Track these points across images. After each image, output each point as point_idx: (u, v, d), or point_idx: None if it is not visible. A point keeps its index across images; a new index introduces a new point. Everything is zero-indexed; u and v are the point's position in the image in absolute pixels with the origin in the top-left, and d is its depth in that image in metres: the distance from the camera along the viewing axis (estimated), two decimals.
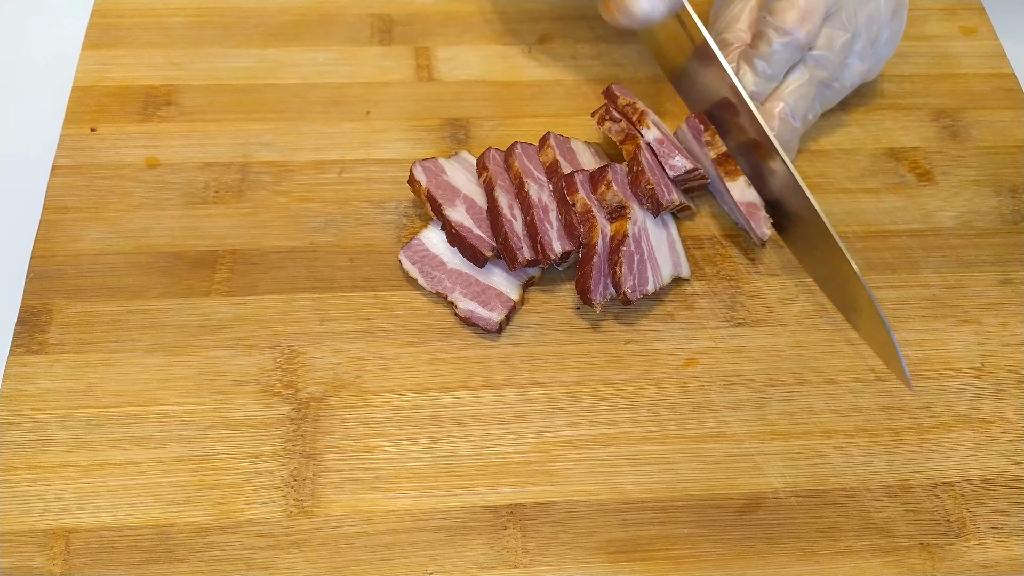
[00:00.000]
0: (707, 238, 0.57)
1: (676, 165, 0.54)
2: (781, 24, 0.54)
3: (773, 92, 0.56)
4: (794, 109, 0.56)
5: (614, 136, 0.55)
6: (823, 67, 0.56)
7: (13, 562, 0.45)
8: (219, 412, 0.49)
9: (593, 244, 0.51)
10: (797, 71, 0.56)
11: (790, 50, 0.55)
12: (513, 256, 0.51)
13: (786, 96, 0.56)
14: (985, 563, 0.47)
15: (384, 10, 0.66)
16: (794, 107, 0.56)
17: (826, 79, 0.57)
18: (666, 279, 0.53)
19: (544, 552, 0.46)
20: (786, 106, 0.56)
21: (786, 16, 0.54)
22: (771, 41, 0.54)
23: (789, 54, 0.55)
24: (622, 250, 0.51)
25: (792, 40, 0.54)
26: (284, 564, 0.45)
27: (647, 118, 0.55)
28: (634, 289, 0.51)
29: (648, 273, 0.52)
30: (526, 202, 0.53)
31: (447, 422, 0.50)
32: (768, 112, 0.56)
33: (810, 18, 0.54)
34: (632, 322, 0.53)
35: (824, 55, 0.56)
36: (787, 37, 0.54)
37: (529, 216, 0.52)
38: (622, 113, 0.56)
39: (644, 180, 0.52)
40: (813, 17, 0.54)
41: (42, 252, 0.54)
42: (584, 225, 0.51)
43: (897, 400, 0.51)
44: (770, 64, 0.55)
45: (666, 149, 0.54)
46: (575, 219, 0.52)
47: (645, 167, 0.53)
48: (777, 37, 0.54)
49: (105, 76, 0.62)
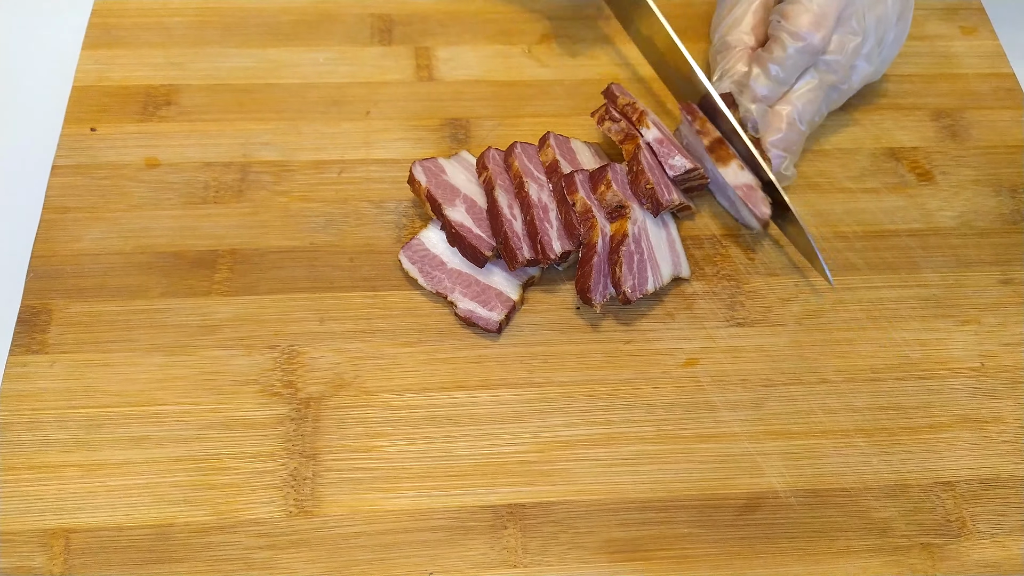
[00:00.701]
0: (707, 238, 0.57)
1: (676, 165, 0.54)
2: (796, 29, 0.54)
3: (782, 96, 0.56)
4: (801, 113, 0.56)
5: (614, 136, 0.55)
6: (833, 71, 0.56)
7: (13, 562, 0.45)
8: (219, 412, 0.49)
9: (593, 244, 0.51)
10: (807, 76, 0.56)
11: (804, 55, 0.54)
12: (513, 256, 0.51)
13: (795, 100, 0.56)
14: (985, 563, 0.47)
15: (384, 10, 0.66)
16: (802, 111, 0.56)
17: (836, 83, 0.57)
18: (666, 279, 0.53)
19: (544, 552, 0.46)
20: (794, 110, 0.56)
21: (800, 20, 0.54)
22: (786, 46, 0.54)
23: (803, 59, 0.55)
24: (622, 250, 0.51)
25: (807, 45, 0.54)
26: (284, 564, 0.45)
27: (647, 118, 0.55)
28: (634, 289, 0.51)
29: (648, 273, 0.52)
30: (526, 202, 0.53)
31: (447, 422, 0.50)
32: (776, 115, 0.56)
33: (824, 23, 0.54)
34: (632, 322, 0.53)
35: (836, 59, 0.56)
36: (802, 42, 0.54)
37: (529, 216, 0.52)
38: (622, 113, 0.56)
39: (644, 180, 0.52)
40: (827, 21, 0.54)
41: (42, 252, 0.54)
42: (584, 225, 0.51)
43: (897, 400, 0.51)
44: (783, 69, 0.55)
45: (666, 149, 0.54)
46: (575, 219, 0.52)
47: (645, 167, 0.53)
48: (792, 42, 0.54)
49: (105, 76, 0.62)
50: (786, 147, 0.55)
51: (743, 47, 0.57)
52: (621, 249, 0.51)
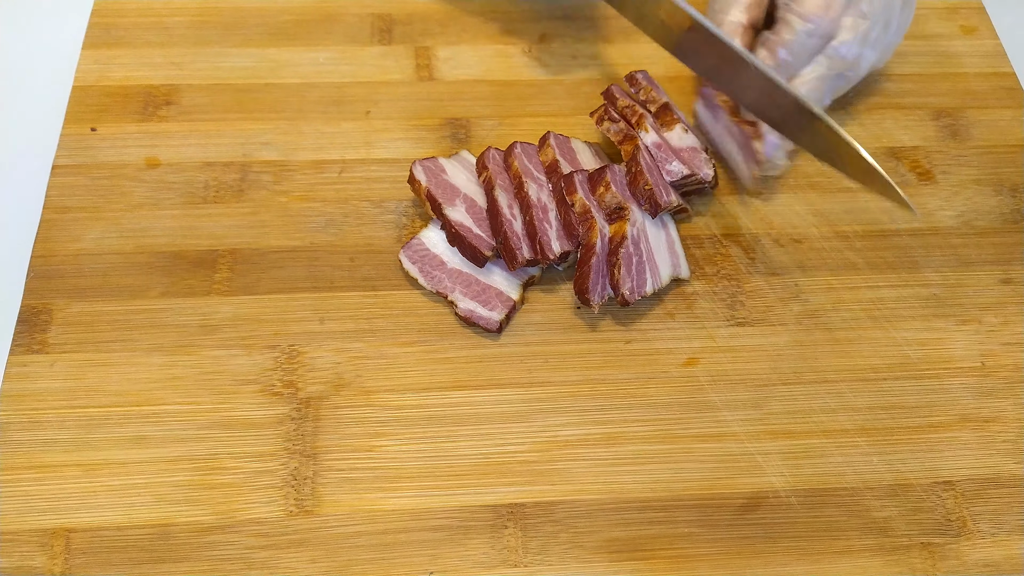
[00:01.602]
0: (707, 237, 0.57)
1: (673, 171, 0.54)
2: (805, 11, 0.53)
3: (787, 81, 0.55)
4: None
5: (613, 136, 0.55)
6: (843, 56, 0.55)
7: (13, 561, 0.45)
8: (219, 412, 0.49)
9: (591, 245, 0.51)
10: (815, 62, 0.55)
11: (814, 38, 0.54)
12: (513, 256, 0.51)
13: (799, 87, 0.55)
14: (985, 562, 0.47)
15: (384, 10, 0.66)
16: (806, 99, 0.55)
17: (843, 69, 0.56)
18: (664, 280, 0.53)
19: (544, 551, 0.46)
20: None
21: (809, 2, 0.53)
22: (795, 29, 0.53)
23: (812, 43, 0.54)
24: (620, 252, 0.51)
25: (816, 28, 0.53)
26: (284, 564, 0.45)
27: (645, 121, 0.55)
28: (632, 291, 0.51)
29: (647, 275, 0.52)
30: (525, 202, 0.53)
31: (447, 422, 0.50)
32: None
33: (834, 4, 0.53)
34: (632, 322, 0.53)
35: (846, 44, 0.54)
36: (811, 24, 0.53)
37: (528, 216, 0.52)
38: (621, 114, 0.56)
39: (642, 181, 0.52)
40: (836, 3, 0.53)
41: (42, 252, 0.54)
42: (583, 226, 0.51)
43: (897, 399, 0.51)
44: (791, 52, 0.54)
45: (664, 154, 0.54)
46: (574, 219, 0.52)
47: (643, 168, 0.53)
48: (801, 24, 0.53)
49: (105, 76, 0.62)
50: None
51: (736, 24, 0.56)
52: (620, 251, 0.51)
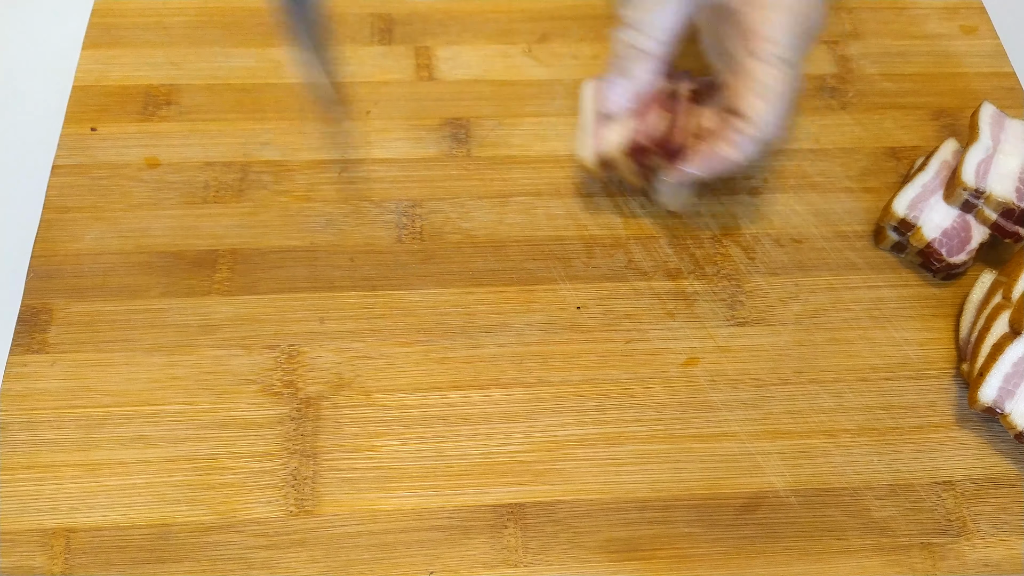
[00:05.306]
0: (707, 238, 0.57)
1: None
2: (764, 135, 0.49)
3: None
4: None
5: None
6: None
7: (13, 561, 0.45)
8: (219, 412, 0.49)
9: None
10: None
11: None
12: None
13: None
14: (985, 562, 0.47)
15: (384, 10, 0.66)
16: None
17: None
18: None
19: (544, 551, 0.46)
20: None
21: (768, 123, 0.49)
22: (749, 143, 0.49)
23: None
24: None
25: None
26: (284, 564, 0.45)
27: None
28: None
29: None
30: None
31: (447, 422, 0.50)
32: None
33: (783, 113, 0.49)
34: (632, 322, 0.53)
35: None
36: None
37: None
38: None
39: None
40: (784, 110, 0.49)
41: (42, 252, 0.54)
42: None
43: (897, 399, 0.51)
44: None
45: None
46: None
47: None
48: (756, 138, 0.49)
49: (105, 76, 0.62)
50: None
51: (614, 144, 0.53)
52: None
